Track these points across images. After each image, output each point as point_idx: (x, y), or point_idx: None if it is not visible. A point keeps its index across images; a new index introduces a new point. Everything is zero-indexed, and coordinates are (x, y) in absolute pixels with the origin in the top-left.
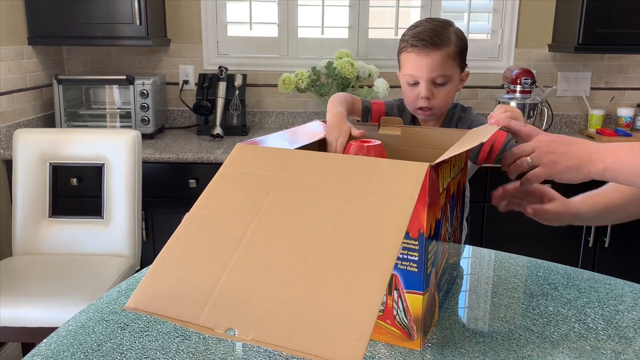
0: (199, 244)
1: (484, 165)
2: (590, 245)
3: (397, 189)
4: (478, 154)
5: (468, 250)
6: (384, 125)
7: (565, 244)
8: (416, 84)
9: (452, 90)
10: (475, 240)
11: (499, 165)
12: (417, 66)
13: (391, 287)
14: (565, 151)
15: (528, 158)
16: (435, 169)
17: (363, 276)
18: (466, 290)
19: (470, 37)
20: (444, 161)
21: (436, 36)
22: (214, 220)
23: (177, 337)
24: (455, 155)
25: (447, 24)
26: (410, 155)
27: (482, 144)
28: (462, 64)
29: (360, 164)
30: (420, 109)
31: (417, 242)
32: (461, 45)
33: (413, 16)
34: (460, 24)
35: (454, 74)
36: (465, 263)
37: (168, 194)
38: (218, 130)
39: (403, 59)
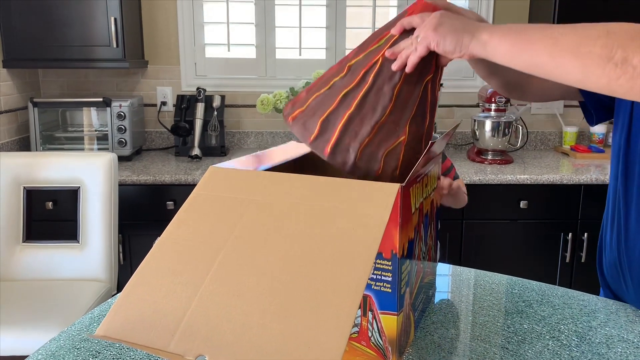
0: (170, 269)
1: None
2: (567, 260)
3: (368, 210)
4: None
5: (447, 268)
6: None
7: (543, 260)
8: None
9: None
10: (454, 258)
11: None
12: None
13: (366, 308)
14: (452, 16)
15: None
16: (407, 189)
17: (334, 299)
18: (442, 309)
19: None
20: (415, 181)
21: None
22: (185, 244)
23: None
24: (427, 175)
25: None
26: None
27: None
28: None
29: (331, 186)
30: None
31: (390, 263)
32: None
33: None
34: None
35: None
36: (444, 281)
37: (145, 217)
38: (196, 151)
39: None
